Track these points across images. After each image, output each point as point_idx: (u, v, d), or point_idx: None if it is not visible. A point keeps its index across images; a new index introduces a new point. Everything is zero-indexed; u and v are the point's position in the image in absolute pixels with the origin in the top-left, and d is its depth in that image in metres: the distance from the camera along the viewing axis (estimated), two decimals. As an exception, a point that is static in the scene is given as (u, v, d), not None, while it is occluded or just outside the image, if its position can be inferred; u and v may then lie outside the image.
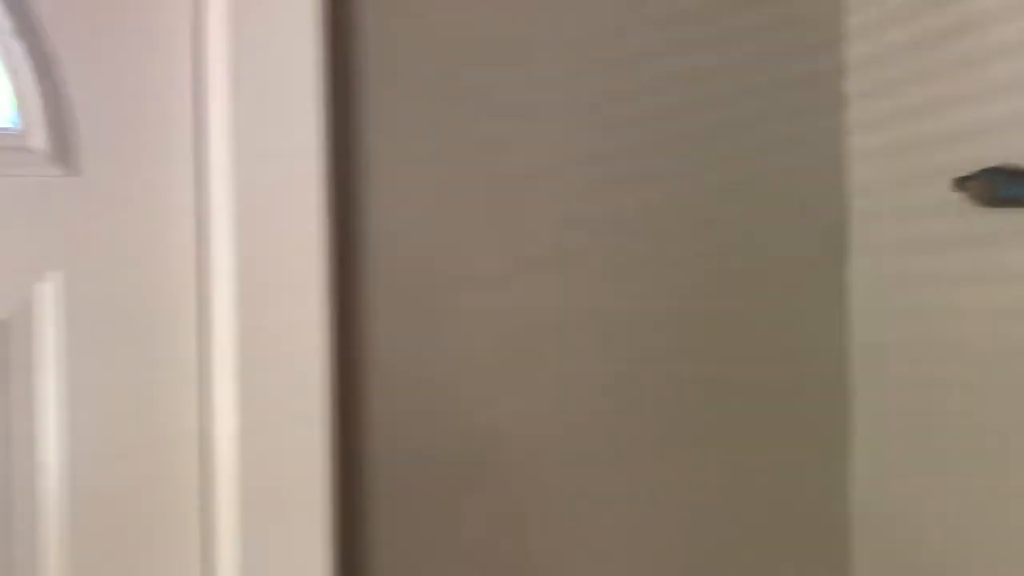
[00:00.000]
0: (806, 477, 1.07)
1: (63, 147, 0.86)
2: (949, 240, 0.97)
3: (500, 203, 0.96)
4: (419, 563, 0.94)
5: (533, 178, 0.97)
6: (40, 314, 0.85)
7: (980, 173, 0.89)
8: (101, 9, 0.87)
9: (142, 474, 0.87)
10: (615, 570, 1.01)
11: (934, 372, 1.00)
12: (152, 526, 0.88)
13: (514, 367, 0.97)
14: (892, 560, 1.04)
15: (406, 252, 0.93)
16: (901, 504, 1.04)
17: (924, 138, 1.00)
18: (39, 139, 0.85)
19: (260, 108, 0.86)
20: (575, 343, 1.00)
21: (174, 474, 0.88)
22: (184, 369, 0.89)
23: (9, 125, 0.87)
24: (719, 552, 1.04)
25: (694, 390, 1.03)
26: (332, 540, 0.87)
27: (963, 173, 0.90)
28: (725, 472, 1.04)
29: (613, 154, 1.00)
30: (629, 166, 1.01)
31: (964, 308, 0.96)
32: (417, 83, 0.93)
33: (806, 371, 1.07)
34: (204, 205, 0.89)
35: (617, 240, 1.01)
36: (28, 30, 0.85)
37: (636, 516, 1.02)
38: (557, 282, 0.98)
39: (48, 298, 0.86)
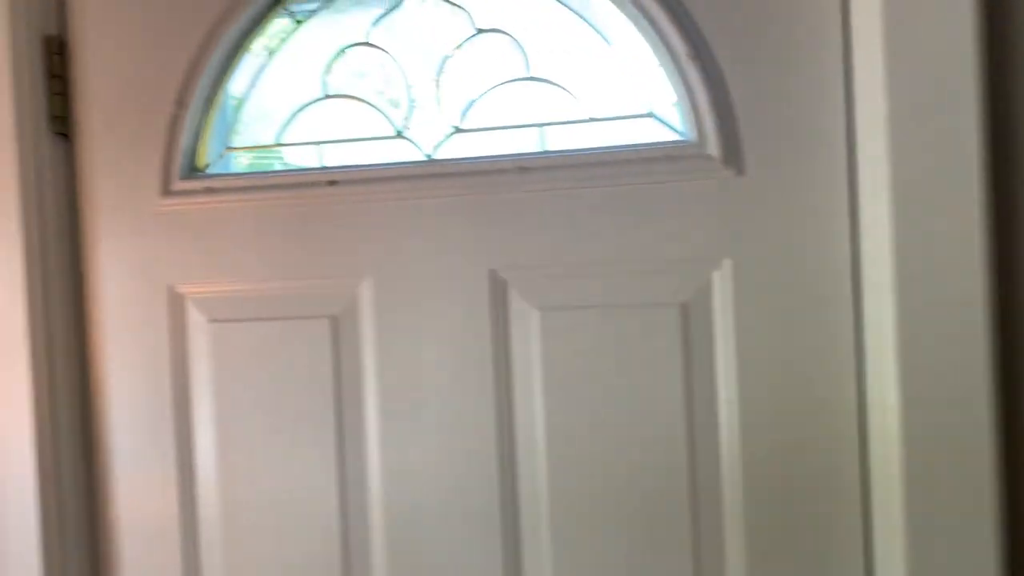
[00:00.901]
0: None
1: (732, 152, 0.98)
2: None
3: None
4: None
5: None
6: (715, 297, 0.99)
7: None
8: (757, 25, 0.98)
9: (803, 437, 0.97)
10: None
11: None
12: (816, 483, 0.97)
13: None
14: None
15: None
16: None
17: None
18: (713, 147, 0.99)
19: (913, 102, 0.88)
20: None
21: (833, 438, 0.96)
22: (841, 346, 0.96)
23: (679, 137, 1.01)
24: None
25: None
26: (1000, 528, 0.87)
27: None
28: None
29: None
30: None
31: None
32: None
33: None
34: (856, 196, 0.96)
35: None
36: (701, 53, 0.98)
37: None
38: None
39: (720, 283, 0.99)
